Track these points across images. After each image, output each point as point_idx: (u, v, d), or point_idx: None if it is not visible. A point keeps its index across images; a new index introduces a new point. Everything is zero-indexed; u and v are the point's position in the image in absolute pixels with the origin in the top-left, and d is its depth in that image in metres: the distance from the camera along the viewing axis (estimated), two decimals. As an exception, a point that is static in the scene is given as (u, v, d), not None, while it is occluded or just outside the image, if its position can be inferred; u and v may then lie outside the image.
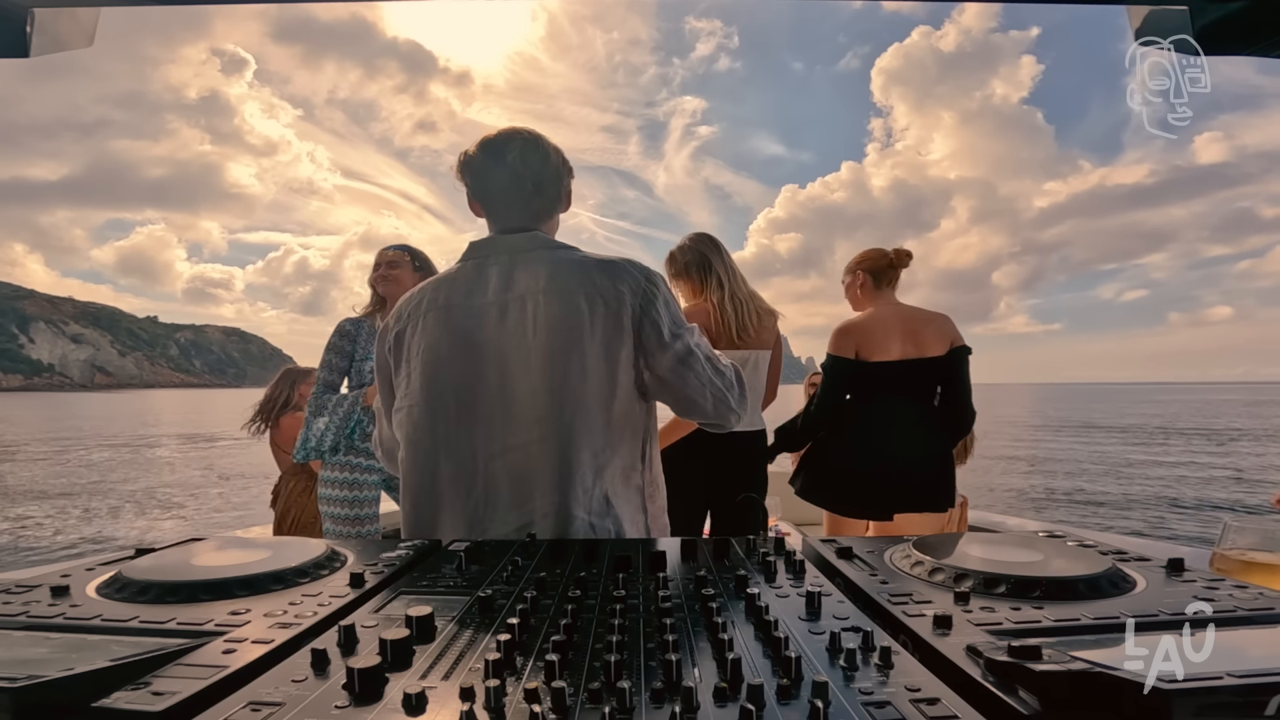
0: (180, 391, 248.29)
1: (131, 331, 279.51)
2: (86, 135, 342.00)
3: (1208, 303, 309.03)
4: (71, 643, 0.52)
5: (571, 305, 1.02)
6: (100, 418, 46.96)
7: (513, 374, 1.02)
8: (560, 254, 1.09)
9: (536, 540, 0.85)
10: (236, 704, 0.41)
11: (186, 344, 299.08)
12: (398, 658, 0.48)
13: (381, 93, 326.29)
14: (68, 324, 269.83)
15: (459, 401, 1.04)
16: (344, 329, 2.22)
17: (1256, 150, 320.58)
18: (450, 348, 1.05)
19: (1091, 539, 0.83)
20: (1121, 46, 0.94)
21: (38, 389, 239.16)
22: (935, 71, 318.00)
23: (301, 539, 0.86)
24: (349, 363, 2.23)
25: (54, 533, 9.96)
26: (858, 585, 0.67)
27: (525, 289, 1.05)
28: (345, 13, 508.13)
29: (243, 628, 0.55)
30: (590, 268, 1.06)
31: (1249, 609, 0.56)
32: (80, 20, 1.05)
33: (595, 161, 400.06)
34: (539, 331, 1.02)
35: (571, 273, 1.05)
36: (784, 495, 2.45)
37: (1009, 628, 0.54)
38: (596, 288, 1.04)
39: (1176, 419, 35.78)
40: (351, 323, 2.23)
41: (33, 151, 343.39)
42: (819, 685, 0.39)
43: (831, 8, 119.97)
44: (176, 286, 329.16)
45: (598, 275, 1.05)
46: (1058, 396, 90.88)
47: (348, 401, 2.16)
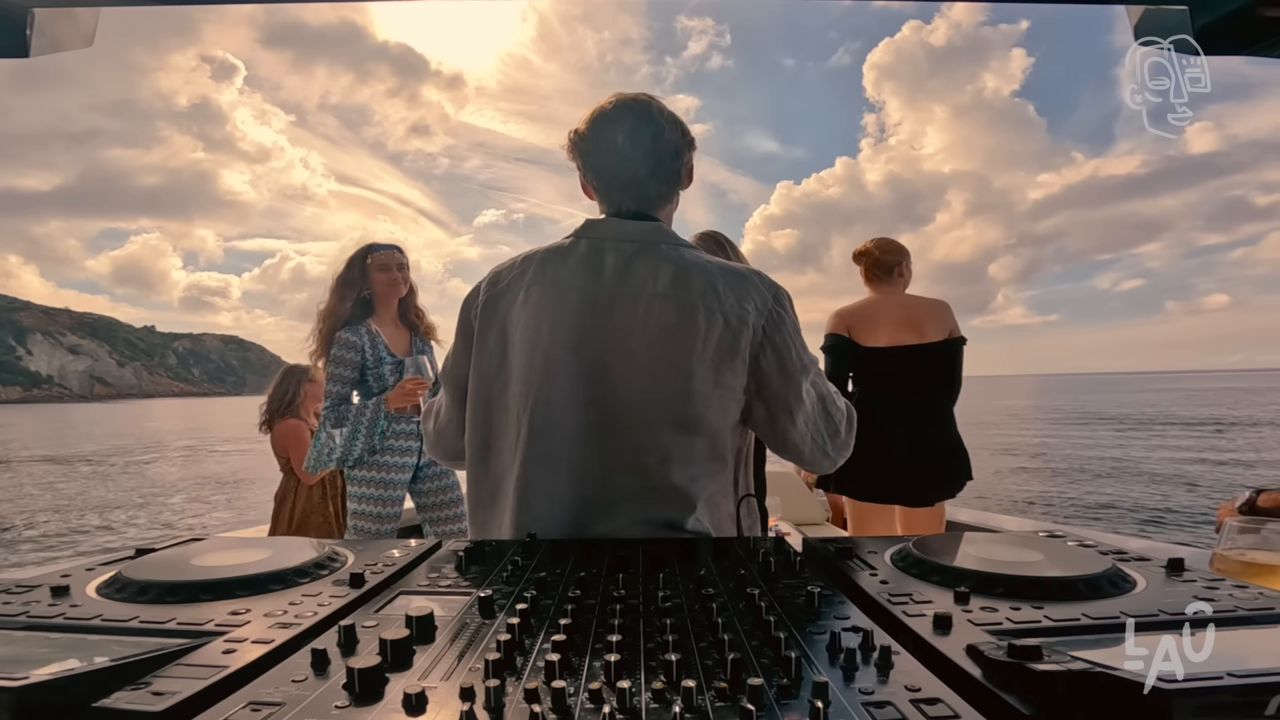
0: (180, 401, 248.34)
1: (129, 341, 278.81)
2: (78, 144, 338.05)
3: (1204, 291, 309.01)
4: (71, 643, 0.52)
5: (688, 315, 0.94)
6: (139, 426, 47.31)
7: (609, 375, 0.94)
8: (685, 254, 0.99)
9: (537, 540, 0.85)
10: (236, 704, 0.41)
11: (185, 353, 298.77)
12: (398, 658, 0.48)
13: (374, 97, 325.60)
14: (65, 335, 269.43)
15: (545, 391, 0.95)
16: (345, 340, 2.20)
17: (1247, 139, 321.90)
18: (551, 330, 0.96)
19: (1092, 539, 0.83)
20: (1111, 39, 0.95)
21: (37, 400, 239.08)
22: (927, 66, 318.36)
23: (301, 539, 0.86)
24: (357, 373, 2.23)
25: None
26: (858, 585, 0.67)
27: (641, 286, 0.96)
28: (334, 17, 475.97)
29: (243, 628, 0.55)
30: (715, 276, 0.97)
31: (1249, 609, 0.56)
32: (80, 21, 1.05)
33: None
34: (647, 336, 0.94)
35: (694, 279, 0.96)
36: (784, 495, 2.46)
37: (1009, 628, 0.54)
38: (720, 301, 0.95)
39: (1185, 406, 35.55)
40: (351, 332, 2.21)
41: (24, 161, 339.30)
42: (819, 685, 0.39)
43: (822, 5, 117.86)
44: (173, 295, 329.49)
45: (723, 287, 0.96)
46: (1061, 387, 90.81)
47: (370, 408, 2.18)
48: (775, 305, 0.99)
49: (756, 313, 0.96)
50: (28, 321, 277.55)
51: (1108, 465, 15.54)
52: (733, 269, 1.00)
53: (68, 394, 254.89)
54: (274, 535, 3.08)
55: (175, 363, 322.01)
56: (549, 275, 1.00)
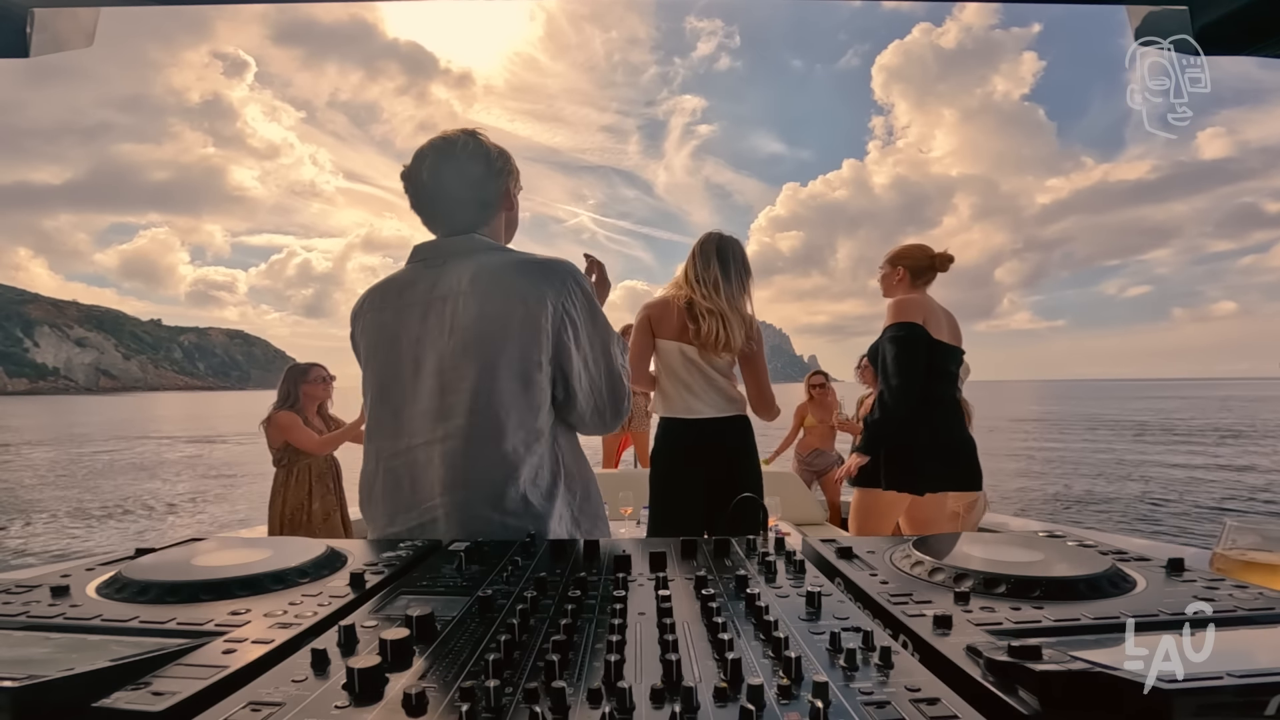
0: (185, 394, 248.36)
1: (135, 335, 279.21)
2: (89, 139, 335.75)
3: (1211, 298, 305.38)
4: (71, 643, 0.52)
5: (489, 305, 1.03)
6: (161, 418, 47.45)
7: (425, 373, 1.05)
8: (491, 256, 1.09)
9: (537, 540, 0.85)
10: (236, 704, 0.41)
11: (190, 347, 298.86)
12: (398, 658, 0.48)
13: (383, 94, 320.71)
14: (72, 328, 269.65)
15: (382, 398, 1.09)
16: None
17: (1259, 145, 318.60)
18: (377, 346, 1.10)
19: (1091, 539, 0.83)
20: (1122, 42, 0.94)
21: (43, 392, 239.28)
22: (936, 68, 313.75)
23: (301, 539, 0.86)
24: None
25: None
26: (858, 585, 0.67)
27: (449, 289, 1.06)
28: (345, 14, 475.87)
29: (243, 628, 0.55)
30: (513, 268, 1.06)
31: (1249, 609, 0.56)
32: (80, 20, 1.05)
33: (595, 161, 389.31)
34: (455, 331, 1.04)
35: (494, 273, 1.06)
36: (784, 495, 2.46)
37: (1009, 628, 0.54)
38: (516, 288, 1.04)
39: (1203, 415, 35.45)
40: None
41: (36, 156, 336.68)
42: (819, 685, 0.39)
43: (831, 6, 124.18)
44: (180, 290, 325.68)
45: (519, 276, 1.05)
46: (1065, 394, 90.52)
47: None
48: (573, 284, 1.08)
49: (554, 293, 1.05)
50: (35, 314, 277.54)
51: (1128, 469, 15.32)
52: (533, 259, 1.09)
53: (73, 386, 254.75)
54: (268, 530, 3.09)
55: (181, 356, 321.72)
56: (376, 301, 1.14)
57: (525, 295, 1.03)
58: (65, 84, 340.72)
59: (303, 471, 3.14)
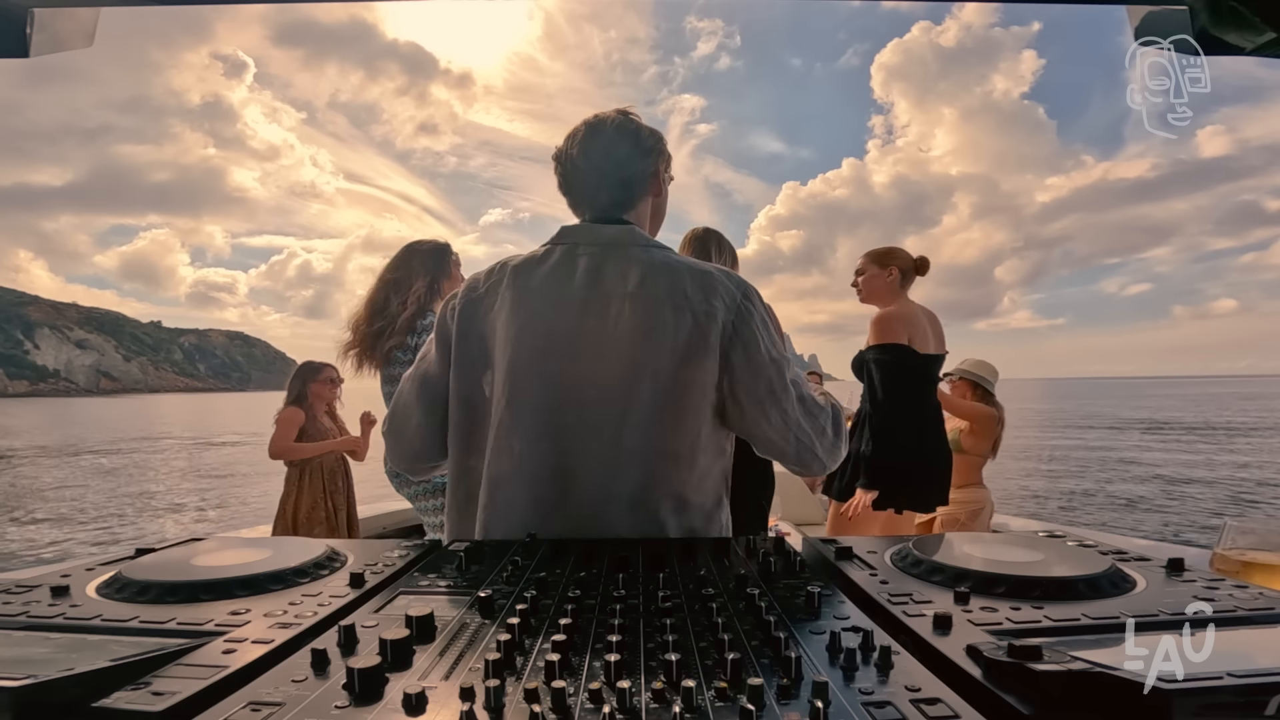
0: (186, 396, 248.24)
1: (135, 336, 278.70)
2: (90, 140, 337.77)
3: (1212, 296, 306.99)
4: (71, 643, 0.52)
5: (656, 314, 0.96)
6: (177, 419, 47.37)
7: (582, 377, 0.96)
8: (654, 254, 1.02)
9: (537, 540, 0.85)
10: (236, 704, 0.41)
11: (190, 348, 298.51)
12: (398, 658, 0.48)
13: (383, 95, 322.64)
14: (72, 329, 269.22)
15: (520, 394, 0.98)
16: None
17: (1259, 143, 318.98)
18: (526, 334, 0.99)
19: (1091, 539, 0.83)
20: (1122, 41, 0.94)
21: (44, 394, 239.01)
22: (936, 67, 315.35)
23: (301, 539, 0.86)
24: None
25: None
26: (858, 585, 0.67)
27: (612, 288, 0.98)
28: (345, 15, 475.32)
29: (243, 628, 0.55)
30: (683, 275, 0.99)
31: (1249, 609, 0.56)
32: (80, 20, 1.05)
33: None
34: (618, 337, 0.96)
35: (662, 278, 0.98)
36: (784, 495, 2.46)
37: (1009, 628, 0.54)
38: (687, 298, 0.97)
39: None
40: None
41: (36, 157, 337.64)
42: (819, 685, 0.39)
43: (831, 6, 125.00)
44: (180, 291, 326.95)
45: (690, 285, 0.98)
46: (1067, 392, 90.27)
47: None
48: (744, 300, 1.00)
49: (725, 308, 0.98)
50: (36, 316, 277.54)
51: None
52: (701, 267, 1.02)
53: (74, 388, 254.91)
54: (276, 532, 3.10)
55: (181, 358, 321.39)
56: (522, 281, 1.02)
57: (695, 306, 0.96)
58: (65, 85, 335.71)
59: (315, 470, 3.16)
